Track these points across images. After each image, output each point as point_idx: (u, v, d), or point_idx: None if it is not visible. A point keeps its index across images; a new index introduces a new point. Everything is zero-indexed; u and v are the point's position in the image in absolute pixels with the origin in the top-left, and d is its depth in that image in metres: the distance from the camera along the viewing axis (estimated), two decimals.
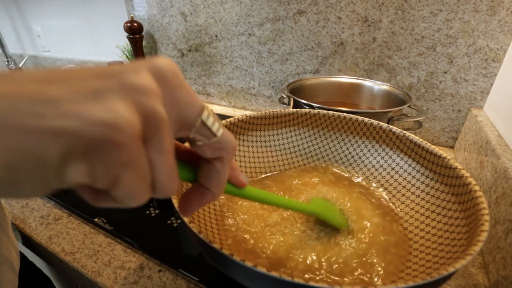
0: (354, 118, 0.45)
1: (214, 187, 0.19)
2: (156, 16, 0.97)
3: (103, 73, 0.13)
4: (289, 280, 0.20)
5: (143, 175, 0.14)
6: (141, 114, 0.13)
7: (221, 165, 0.19)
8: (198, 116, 0.17)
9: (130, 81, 0.13)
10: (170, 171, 0.15)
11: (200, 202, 0.20)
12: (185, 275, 0.37)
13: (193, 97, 0.16)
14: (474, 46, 0.58)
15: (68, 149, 0.11)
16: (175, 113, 0.16)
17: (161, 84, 0.15)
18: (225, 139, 0.18)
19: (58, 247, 0.42)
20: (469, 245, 0.24)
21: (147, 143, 0.14)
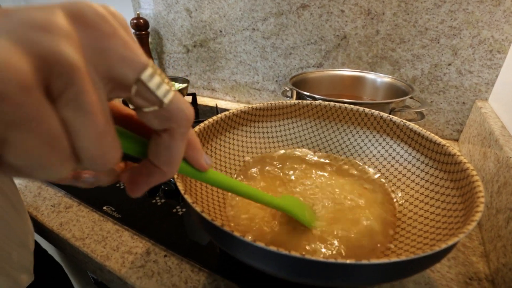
0: (355, 109, 0.45)
1: (163, 164, 0.16)
2: (162, 13, 0.98)
3: (8, 11, 0.11)
4: (286, 254, 0.21)
5: (49, 139, 0.11)
6: (35, 57, 0.10)
7: (171, 139, 0.16)
8: (137, 74, 0.14)
9: (28, 15, 0.10)
10: (101, 136, 0.12)
11: (148, 181, 0.17)
12: (189, 260, 0.38)
13: (132, 50, 0.13)
14: (478, 37, 0.57)
15: None
16: (103, 66, 0.13)
17: (81, 27, 0.12)
18: (175, 106, 0.15)
19: (69, 233, 0.44)
20: (464, 224, 0.25)
21: (57, 98, 0.11)
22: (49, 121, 0.11)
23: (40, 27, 0.10)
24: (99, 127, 0.12)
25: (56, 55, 0.11)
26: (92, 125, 0.12)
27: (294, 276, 0.23)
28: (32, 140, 0.10)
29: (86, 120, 0.12)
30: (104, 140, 0.13)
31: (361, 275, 0.22)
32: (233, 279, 0.36)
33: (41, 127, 0.11)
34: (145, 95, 0.14)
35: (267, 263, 0.23)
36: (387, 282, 0.24)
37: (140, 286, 0.36)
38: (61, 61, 0.11)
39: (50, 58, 0.10)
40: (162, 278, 0.36)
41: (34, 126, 0.10)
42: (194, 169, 0.20)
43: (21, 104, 0.10)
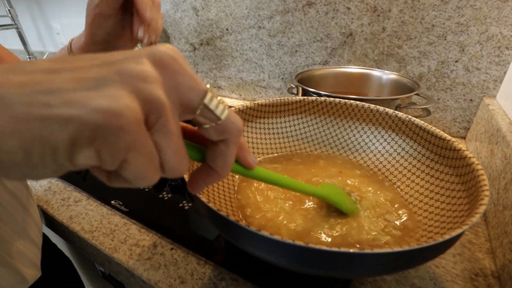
0: (360, 105, 0.45)
1: (219, 168, 0.20)
2: (169, 12, 0.99)
3: (104, 62, 0.14)
4: (291, 243, 0.21)
5: (150, 157, 0.15)
6: (141, 100, 0.14)
7: (226, 147, 0.19)
8: (201, 99, 0.17)
9: (130, 69, 0.14)
10: (177, 152, 0.16)
11: (206, 181, 0.21)
12: (195, 254, 0.39)
13: (195, 81, 0.17)
14: (486, 33, 0.57)
15: (75, 135, 0.12)
16: (178, 97, 0.16)
17: (161, 70, 0.15)
18: (229, 121, 0.18)
19: (78, 226, 0.45)
20: (468, 216, 0.25)
21: (152, 127, 0.15)
22: (149, 144, 0.15)
23: (142, 79, 0.14)
24: (177, 145, 0.16)
25: (152, 97, 0.14)
26: (172, 144, 0.16)
27: (298, 266, 0.23)
28: (142, 159, 0.15)
29: (169, 140, 0.16)
30: (180, 153, 0.17)
31: (364, 265, 0.22)
32: (238, 272, 0.36)
33: (146, 149, 0.15)
34: (207, 114, 0.18)
35: (271, 252, 0.23)
36: (390, 273, 0.25)
37: (147, 277, 0.36)
38: (155, 101, 0.14)
39: (150, 100, 0.14)
40: (168, 270, 0.37)
41: (142, 148, 0.14)
42: (244, 168, 0.23)
43: (136, 134, 0.14)
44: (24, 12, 1.56)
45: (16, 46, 1.71)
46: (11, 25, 1.35)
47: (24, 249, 0.39)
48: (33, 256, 0.41)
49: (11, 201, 0.38)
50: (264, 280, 0.35)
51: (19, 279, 0.38)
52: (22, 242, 0.39)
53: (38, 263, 0.42)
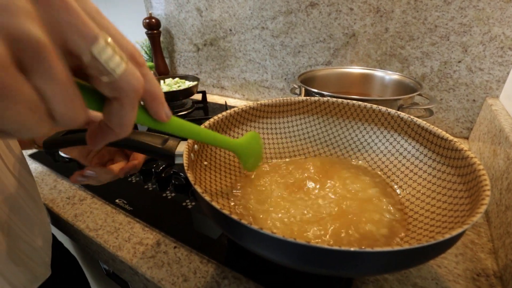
0: (362, 105, 0.45)
1: (115, 126, 0.18)
2: (173, 12, 1.00)
3: None
4: (292, 241, 0.21)
5: (28, 105, 0.13)
6: (6, 37, 0.12)
7: (120, 106, 0.17)
8: (88, 46, 0.14)
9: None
10: (68, 99, 0.14)
11: (104, 138, 0.19)
12: (198, 252, 0.39)
13: (84, 22, 0.14)
14: (489, 34, 0.57)
15: None
16: (60, 37, 0.14)
17: (35, 2, 0.13)
18: (124, 79, 0.16)
19: (83, 224, 0.46)
20: (469, 216, 0.25)
21: (29, 70, 0.13)
22: (25, 90, 0.13)
23: (4, 9, 0.11)
24: (68, 93, 0.14)
25: (24, 34, 0.12)
26: (62, 92, 0.14)
27: (300, 264, 0.24)
28: (14, 107, 0.12)
29: (55, 86, 0.13)
30: (71, 101, 0.14)
31: (365, 264, 0.22)
32: (241, 270, 0.36)
33: (20, 96, 0.12)
34: (95, 66, 0.15)
35: (273, 250, 0.24)
36: (391, 272, 0.25)
37: (150, 275, 0.37)
38: (29, 39, 0.12)
39: (19, 37, 0.12)
40: (171, 268, 0.38)
41: (13, 95, 0.12)
42: (154, 120, 0.21)
43: (2, 79, 0.11)
44: None
45: None
46: None
47: (36, 246, 0.39)
48: (44, 254, 0.41)
49: (26, 198, 0.38)
50: (266, 278, 0.35)
51: (30, 278, 0.38)
52: (35, 240, 0.39)
53: (49, 262, 0.43)
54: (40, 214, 0.41)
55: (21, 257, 0.36)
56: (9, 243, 0.35)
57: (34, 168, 0.61)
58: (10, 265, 0.35)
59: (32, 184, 0.41)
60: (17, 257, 0.36)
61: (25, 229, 0.37)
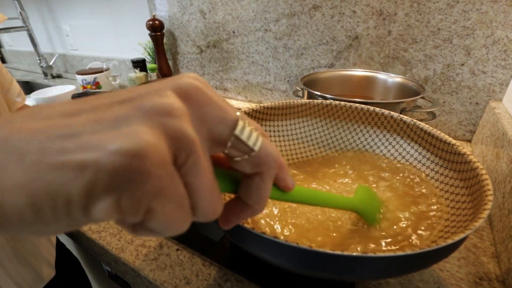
0: (365, 108, 0.46)
1: (254, 203, 0.18)
2: (177, 14, 1.00)
3: (126, 98, 0.13)
4: (295, 245, 0.21)
5: (179, 202, 0.13)
6: (168, 137, 0.12)
7: (261, 181, 0.17)
8: (231, 130, 0.15)
9: (153, 103, 0.12)
10: (210, 192, 0.14)
11: (240, 216, 0.19)
12: (200, 255, 0.40)
13: (224, 110, 0.15)
14: (492, 37, 0.57)
15: (91, 183, 0.10)
16: (206, 130, 0.15)
17: (186, 102, 0.14)
18: (264, 152, 0.16)
19: (86, 226, 0.46)
20: (471, 221, 0.25)
21: (181, 167, 0.13)
22: (179, 187, 0.13)
23: (167, 113, 0.12)
24: (210, 184, 0.14)
25: (181, 133, 0.12)
26: (204, 184, 0.14)
27: (302, 268, 0.24)
28: (170, 206, 0.12)
29: (200, 180, 0.13)
30: (213, 194, 0.14)
31: (367, 268, 0.22)
32: (243, 273, 0.37)
33: (175, 193, 0.12)
34: (238, 146, 0.16)
35: (276, 255, 0.24)
36: (393, 276, 0.25)
37: (153, 278, 0.37)
38: (185, 138, 0.13)
39: (178, 137, 0.12)
40: (174, 270, 0.38)
41: (170, 194, 0.12)
42: (280, 191, 0.20)
43: (163, 177, 0.12)
44: (34, 14, 1.59)
45: (27, 48, 1.74)
46: (22, 27, 1.38)
47: (41, 247, 0.40)
48: (49, 255, 0.42)
49: None
50: (269, 281, 0.35)
51: (36, 278, 0.38)
52: (40, 240, 0.39)
53: (53, 262, 0.43)
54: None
55: (26, 257, 0.37)
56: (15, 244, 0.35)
57: None
58: (17, 265, 0.35)
59: None
60: (23, 257, 0.36)
61: None
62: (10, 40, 1.96)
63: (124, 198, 0.11)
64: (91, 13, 1.29)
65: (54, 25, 1.54)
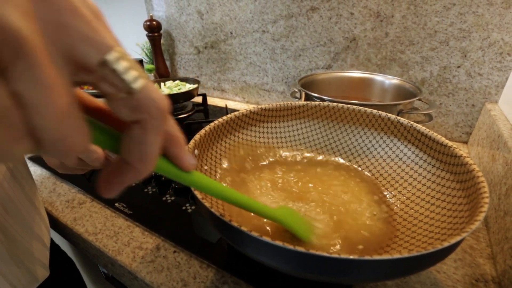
0: (362, 110, 0.46)
1: (136, 161, 0.15)
2: (174, 15, 1.00)
3: None
4: (292, 248, 0.21)
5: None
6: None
7: (143, 131, 0.14)
8: (100, 55, 0.13)
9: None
10: (61, 116, 0.11)
11: (121, 180, 0.16)
12: (198, 257, 0.39)
13: (96, 31, 0.12)
14: (488, 39, 0.57)
15: None
16: (63, 43, 0.12)
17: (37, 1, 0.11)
18: (146, 95, 0.14)
19: (82, 228, 0.46)
20: (468, 224, 0.25)
21: (5, 69, 0.10)
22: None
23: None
24: (59, 105, 0.11)
25: (2, 22, 0.09)
26: (50, 101, 0.11)
27: (299, 271, 0.24)
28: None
29: (43, 94, 0.11)
30: (66, 121, 0.11)
31: (364, 271, 0.22)
32: (240, 275, 0.36)
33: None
34: (111, 79, 0.13)
35: (273, 257, 0.24)
36: (390, 279, 0.25)
37: (150, 280, 0.37)
38: (8, 30, 0.10)
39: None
40: (171, 273, 0.38)
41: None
42: (176, 168, 0.18)
43: None
44: None
45: None
46: None
47: (34, 249, 0.39)
48: (42, 256, 0.41)
49: (22, 199, 0.38)
50: (266, 284, 0.35)
51: (30, 278, 0.38)
52: (32, 242, 0.39)
53: (47, 263, 0.43)
54: (36, 216, 0.41)
55: (21, 258, 0.36)
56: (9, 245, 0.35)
57: (33, 171, 0.61)
58: (11, 266, 0.35)
59: (31, 185, 0.41)
60: (17, 258, 0.36)
61: (21, 231, 0.37)
62: None
63: None
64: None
65: None
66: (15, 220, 0.36)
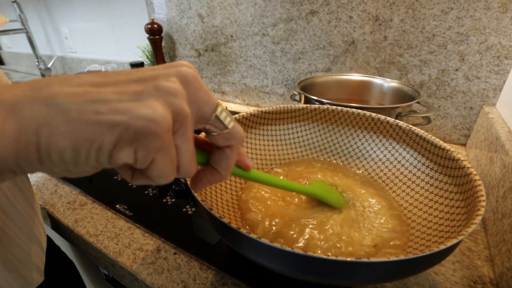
0: (362, 113, 0.46)
1: (223, 169, 0.23)
2: (175, 18, 1.01)
3: (141, 78, 0.17)
4: (290, 250, 0.22)
5: (172, 158, 0.18)
6: (172, 111, 0.17)
7: (230, 151, 0.22)
8: (213, 111, 0.20)
9: (163, 85, 0.17)
10: (191, 155, 0.19)
11: (209, 180, 0.23)
12: (198, 258, 0.40)
13: (210, 96, 0.20)
14: (486, 43, 0.58)
15: (119, 137, 0.15)
16: (195, 109, 0.19)
17: (185, 86, 0.18)
18: (235, 130, 0.22)
19: (83, 229, 0.46)
20: (464, 227, 0.25)
21: (175, 133, 0.18)
22: (173, 147, 0.18)
23: (173, 94, 0.17)
24: (191, 149, 0.19)
25: (180, 109, 0.17)
26: (189, 148, 0.19)
27: (298, 273, 0.24)
28: (166, 160, 0.17)
29: (187, 145, 0.19)
30: (193, 156, 0.20)
31: (362, 273, 0.23)
32: (240, 277, 0.37)
33: (171, 151, 0.18)
34: (217, 124, 0.21)
35: (272, 259, 0.24)
36: (387, 281, 0.25)
37: (150, 282, 0.37)
38: (182, 113, 0.17)
39: (178, 112, 0.17)
40: (171, 274, 0.38)
41: (167, 151, 0.17)
42: (242, 170, 0.26)
43: (166, 138, 0.17)
44: (33, 17, 1.59)
45: (25, 50, 1.74)
46: (21, 29, 1.38)
47: (30, 252, 0.39)
48: (38, 259, 0.41)
49: (20, 200, 0.38)
50: (265, 286, 0.36)
51: (22, 284, 0.38)
52: (29, 244, 0.39)
53: (42, 268, 0.42)
54: (35, 219, 0.41)
55: (14, 262, 0.36)
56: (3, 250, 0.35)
57: (35, 173, 0.61)
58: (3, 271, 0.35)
59: (29, 189, 0.41)
60: (10, 262, 0.36)
61: (20, 234, 0.38)
62: (9, 42, 1.96)
63: (139, 149, 0.16)
64: (90, 16, 1.29)
65: (53, 27, 1.54)
66: (15, 223, 0.37)
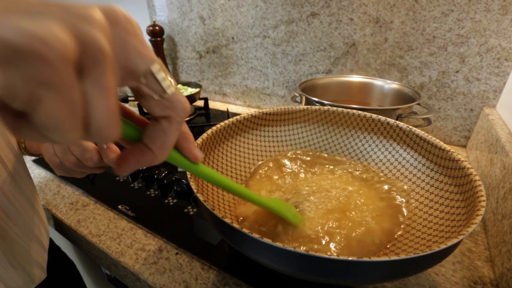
0: (362, 115, 0.46)
1: (157, 148, 0.18)
2: (176, 20, 1.01)
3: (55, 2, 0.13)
4: (292, 250, 0.22)
5: (71, 104, 0.13)
6: (77, 39, 0.13)
7: (168, 125, 0.18)
8: (147, 67, 0.16)
9: (75, 8, 0.13)
10: (110, 113, 0.14)
11: (138, 160, 0.19)
12: (199, 259, 0.40)
13: (146, 47, 0.16)
14: (486, 45, 0.58)
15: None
16: (123, 58, 0.15)
17: (112, 24, 0.15)
18: (175, 98, 0.18)
19: (86, 230, 0.46)
20: (464, 227, 0.26)
21: (84, 74, 0.13)
22: (74, 90, 0.13)
23: (83, 18, 0.13)
24: (111, 104, 0.14)
25: (92, 41, 0.13)
26: (106, 101, 0.14)
27: (299, 272, 0.24)
28: (60, 103, 0.12)
29: (102, 95, 0.14)
30: (112, 115, 0.15)
31: (363, 273, 0.23)
32: (242, 277, 0.37)
33: (67, 93, 0.13)
34: (151, 85, 0.17)
35: (273, 259, 0.24)
36: (389, 280, 0.25)
37: (152, 281, 0.37)
38: (95, 46, 0.13)
39: (88, 42, 0.13)
40: (173, 274, 0.38)
41: (62, 91, 0.12)
42: (186, 159, 0.21)
43: (57, 70, 0.12)
44: None
45: None
46: None
47: (32, 250, 0.40)
48: (40, 258, 0.42)
49: (21, 200, 0.39)
50: (267, 285, 0.36)
51: (26, 280, 0.38)
52: (30, 243, 0.39)
53: (45, 265, 0.43)
54: (36, 218, 0.42)
55: (18, 259, 0.37)
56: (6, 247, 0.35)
57: (38, 174, 0.62)
58: (8, 268, 0.35)
59: (30, 187, 0.41)
60: (15, 260, 0.36)
61: (20, 233, 0.38)
62: None
63: (16, 76, 0.11)
64: None
65: None
66: (15, 223, 0.37)
